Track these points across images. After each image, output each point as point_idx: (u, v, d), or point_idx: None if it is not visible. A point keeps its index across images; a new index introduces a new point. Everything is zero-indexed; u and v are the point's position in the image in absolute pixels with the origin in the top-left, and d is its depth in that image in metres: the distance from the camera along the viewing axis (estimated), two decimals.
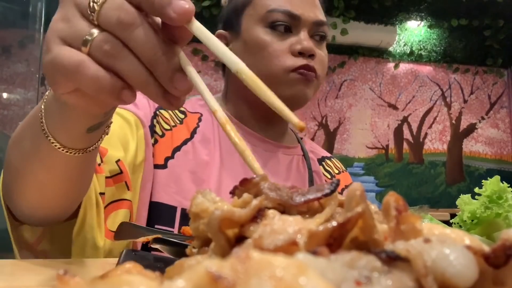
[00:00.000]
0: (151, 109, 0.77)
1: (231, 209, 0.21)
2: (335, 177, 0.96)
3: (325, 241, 0.18)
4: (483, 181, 0.47)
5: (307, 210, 0.23)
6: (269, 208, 0.22)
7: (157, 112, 0.78)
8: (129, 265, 0.18)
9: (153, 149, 0.75)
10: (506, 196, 0.44)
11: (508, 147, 3.92)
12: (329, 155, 1.00)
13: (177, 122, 0.81)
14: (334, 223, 0.18)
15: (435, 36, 3.70)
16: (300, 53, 0.78)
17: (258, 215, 0.21)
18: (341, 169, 0.99)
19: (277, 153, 0.85)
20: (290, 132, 0.95)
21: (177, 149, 0.77)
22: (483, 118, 3.91)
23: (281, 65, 0.78)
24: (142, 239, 0.49)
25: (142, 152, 0.73)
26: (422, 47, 3.78)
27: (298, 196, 0.23)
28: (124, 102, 0.36)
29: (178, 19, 0.34)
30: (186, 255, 0.24)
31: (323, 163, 0.96)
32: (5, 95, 2.42)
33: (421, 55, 3.82)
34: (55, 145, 0.44)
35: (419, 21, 3.56)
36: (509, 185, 0.45)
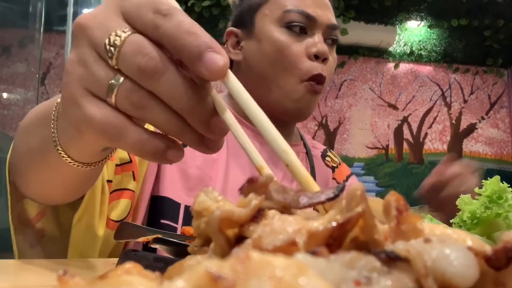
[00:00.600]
0: None
1: (230, 209, 0.21)
2: (337, 168, 0.97)
3: (325, 241, 0.18)
4: (483, 181, 0.47)
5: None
6: (270, 209, 0.22)
7: None
8: (129, 265, 0.18)
9: None
10: (506, 196, 0.44)
11: (508, 147, 3.92)
12: (326, 147, 1.01)
13: None
14: (334, 223, 0.18)
15: (435, 36, 3.70)
16: (315, 57, 0.79)
17: (258, 215, 0.21)
18: (338, 162, 1.00)
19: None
20: (296, 131, 0.96)
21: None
22: (483, 118, 3.91)
23: (297, 72, 0.78)
24: (142, 239, 0.49)
25: None
26: (422, 47, 3.78)
27: (303, 200, 0.23)
28: (170, 162, 0.33)
29: (211, 77, 0.30)
30: (186, 255, 0.24)
31: (326, 158, 0.97)
32: (5, 95, 2.42)
33: (421, 55, 3.82)
34: (66, 159, 0.42)
35: (419, 21, 3.56)
36: (509, 185, 0.45)
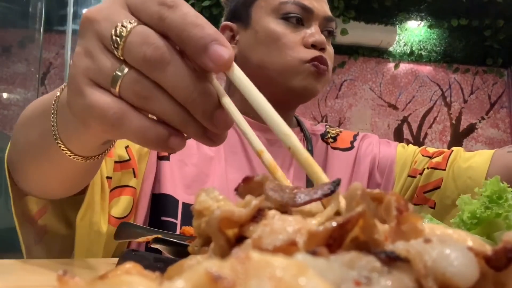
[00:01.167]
0: None
1: (230, 209, 0.21)
2: (339, 136, 0.95)
3: (325, 241, 0.18)
4: (483, 181, 0.47)
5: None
6: (270, 209, 0.22)
7: None
8: (129, 265, 0.18)
9: None
10: (506, 196, 0.44)
11: None
12: (324, 129, 0.97)
13: None
14: (334, 224, 0.18)
15: (435, 36, 3.70)
16: (312, 46, 0.79)
17: (258, 215, 0.21)
18: (339, 130, 0.97)
19: (277, 141, 0.84)
20: (293, 119, 0.95)
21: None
22: (483, 118, 3.91)
23: (296, 56, 0.78)
24: (142, 239, 0.50)
25: None
26: (422, 47, 3.78)
27: (300, 197, 0.23)
28: (173, 151, 0.33)
29: (215, 69, 0.30)
30: (186, 255, 0.24)
31: (326, 136, 0.95)
32: (5, 95, 2.42)
33: (421, 55, 3.82)
34: (65, 152, 0.42)
35: (419, 21, 3.56)
36: (509, 185, 0.45)
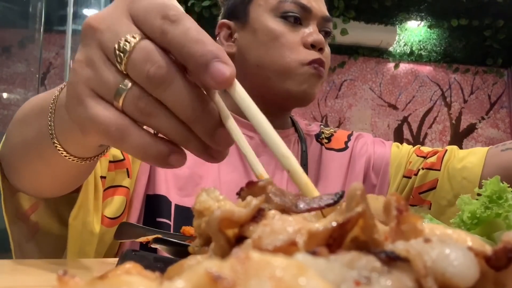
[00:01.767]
0: None
1: (231, 209, 0.21)
2: (334, 136, 0.94)
3: (325, 241, 0.18)
4: (483, 181, 0.47)
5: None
6: (270, 209, 0.22)
7: None
8: (128, 265, 0.18)
9: None
10: (506, 196, 0.44)
11: None
12: (318, 129, 0.97)
13: None
14: (334, 224, 0.18)
15: (435, 36, 3.70)
16: (311, 46, 0.79)
17: (258, 215, 0.21)
18: (333, 130, 0.96)
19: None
20: (289, 120, 0.94)
21: None
22: (483, 118, 3.91)
23: (295, 57, 0.78)
24: (142, 239, 0.49)
25: None
26: (422, 47, 3.78)
27: (301, 204, 0.23)
28: (173, 167, 0.33)
29: (217, 87, 0.30)
30: (186, 255, 0.24)
31: (321, 136, 0.94)
32: (5, 95, 2.42)
33: (421, 55, 3.82)
34: (61, 153, 0.42)
35: (419, 21, 3.56)
36: (509, 185, 0.45)
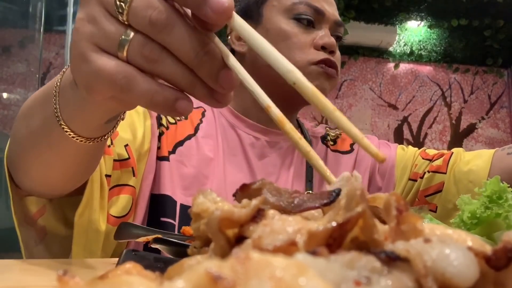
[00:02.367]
0: None
1: (230, 209, 0.21)
2: (339, 138, 0.94)
3: (325, 241, 0.18)
4: (483, 181, 0.47)
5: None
6: (270, 209, 0.22)
7: None
8: (129, 265, 0.18)
9: (160, 141, 0.75)
10: (506, 196, 0.44)
11: None
12: (324, 131, 0.96)
13: (182, 117, 0.81)
14: (334, 224, 0.18)
15: (435, 36, 3.70)
16: (322, 48, 0.79)
17: (258, 215, 0.21)
18: (338, 133, 0.96)
19: (279, 142, 0.84)
20: (295, 122, 0.94)
21: (180, 143, 0.77)
22: (483, 118, 3.91)
23: (304, 57, 0.78)
24: (142, 239, 0.49)
25: (148, 142, 0.73)
26: (422, 47, 3.78)
27: (298, 203, 0.23)
28: (180, 114, 0.34)
29: (217, 18, 0.31)
30: (186, 255, 0.24)
31: (326, 138, 0.94)
32: (5, 95, 2.42)
33: (421, 55, 3.82)
34: (69, 134, 0.43)
35: (419, 21, 3.56)
36: (509, 185, 0.45)
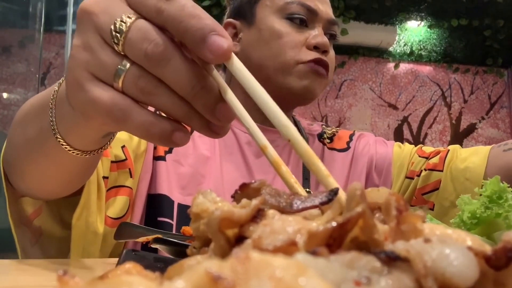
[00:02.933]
0: None
1: (230, 209, 0.21)
2: (336, 136, 0.94)
3: (325, 241, 0.18)
4: (483, 181, 0.47)
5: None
6: (270, 209, 0.22)
7: None
8: (128, 265, 0.18)
9: None
10: (506, 196, 0.44)
11: None
12: (320, 129, 0.96)
13: None
14: (334, 224, 0.18)
15: (435, 36, 3.70)
16: (315, 48, 0.79)
17: (258, 215, 0.21)
18: (335, 130, 0.96)
19: (275, 140, 0.84)
20: (291, 120, 0.94)
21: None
22: (483, 118, 3.91)
23: (294, 55, 0.78)
24: (142, 239, 0.49)
25: (145, 142, 0.73)
26: (422, 47, 3.78)
27: (297, 203, 0.23)
28: (177, 145, 0.34)
29: (215, 60, 0.30)
30: (186, 255, 0.24)
31: (323, 136, 0.94)
32: (5, 95, 2.42)
33: (421, 55, 3.82)
34: (65, 147, 0.42)
35: (419, 21, 3.56)
36: (509, 185, 0.45)
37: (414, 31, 3.70)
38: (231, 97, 0.32)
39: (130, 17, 0.31)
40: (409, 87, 3.86)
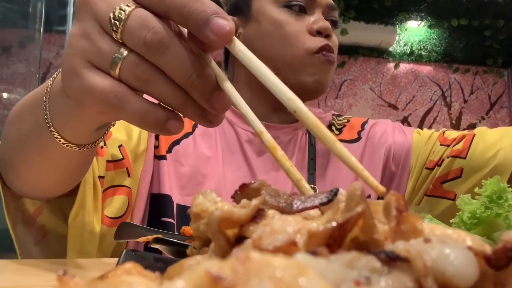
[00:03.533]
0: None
1: (230, 209, 0.21)
2: (346, 127, 0.90)
3: (325, 241, 0.18)
4: (483, 181, 0.47)
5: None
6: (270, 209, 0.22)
7: None
8: (128, 265, 0.18)
9: (158, 139, 0.75)
10: (506, 196, 0.44)
11: None
12: (330, 119, 0.92)
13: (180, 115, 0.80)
14: (334, 224, 0.18)
15: (435, 36, 3.70)
16: (318, 33, 0.77)
17: (257, 215, 0.21)
18: (346, 120, 0.92)
19: (279, 136, 0.82)
20: None
21: (177, 142, 0.77)
22: (483, 118, 3.91)
23: (302, 46, 0.76)
24: (142, 239, 0.49)
25: (145, 141, 0.72)
26: (422, 47, 3.78)
27: (296, 203, 0.23)
28: (171, 134, 0.34)
29: (217, 41, 0.31)
30: (186, 255, 0.24)
31: (332, 127, 0.90)
32: (5, 95, 2.42)
33: (421, 55, 3.82)
34: (59, 140, 0.43)
35: (419, 21, 3.56)
36: (509, 185, 0.45)
37: (414, 31, 3.70)
38: (228, 85, 0.33)
39: (129, 6, 0.31)
40: (409, 87, 3.86)
